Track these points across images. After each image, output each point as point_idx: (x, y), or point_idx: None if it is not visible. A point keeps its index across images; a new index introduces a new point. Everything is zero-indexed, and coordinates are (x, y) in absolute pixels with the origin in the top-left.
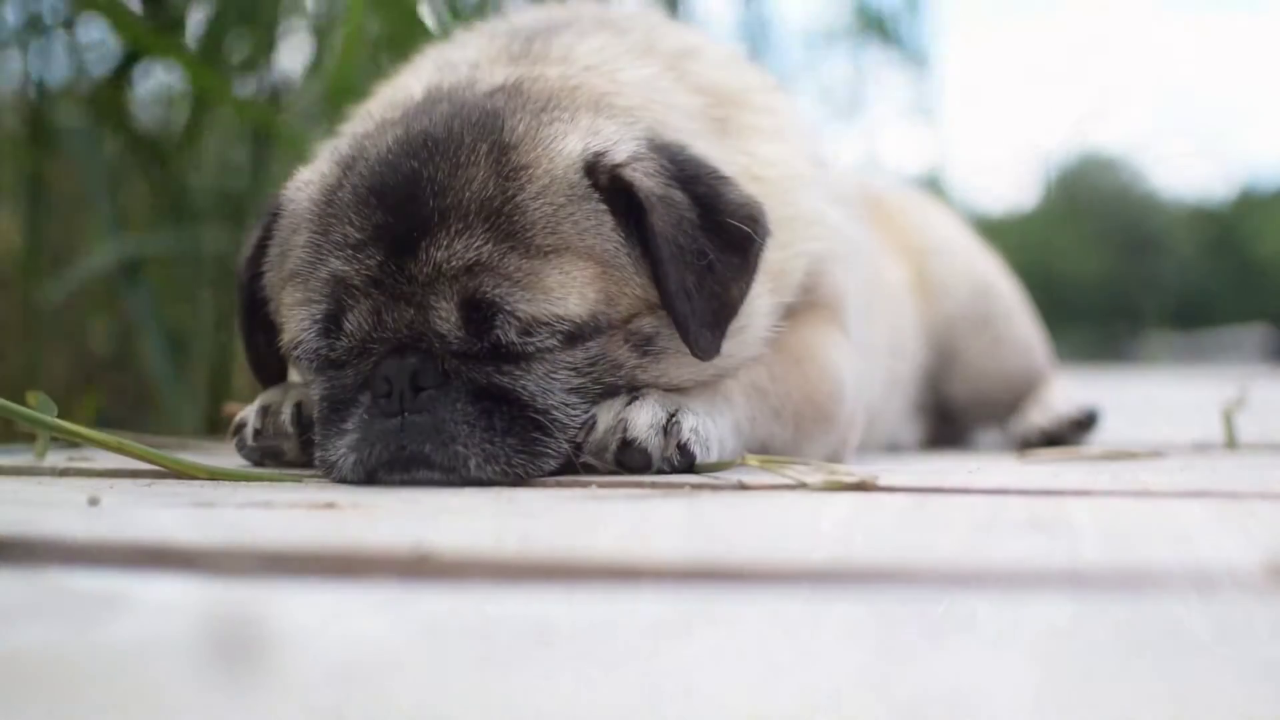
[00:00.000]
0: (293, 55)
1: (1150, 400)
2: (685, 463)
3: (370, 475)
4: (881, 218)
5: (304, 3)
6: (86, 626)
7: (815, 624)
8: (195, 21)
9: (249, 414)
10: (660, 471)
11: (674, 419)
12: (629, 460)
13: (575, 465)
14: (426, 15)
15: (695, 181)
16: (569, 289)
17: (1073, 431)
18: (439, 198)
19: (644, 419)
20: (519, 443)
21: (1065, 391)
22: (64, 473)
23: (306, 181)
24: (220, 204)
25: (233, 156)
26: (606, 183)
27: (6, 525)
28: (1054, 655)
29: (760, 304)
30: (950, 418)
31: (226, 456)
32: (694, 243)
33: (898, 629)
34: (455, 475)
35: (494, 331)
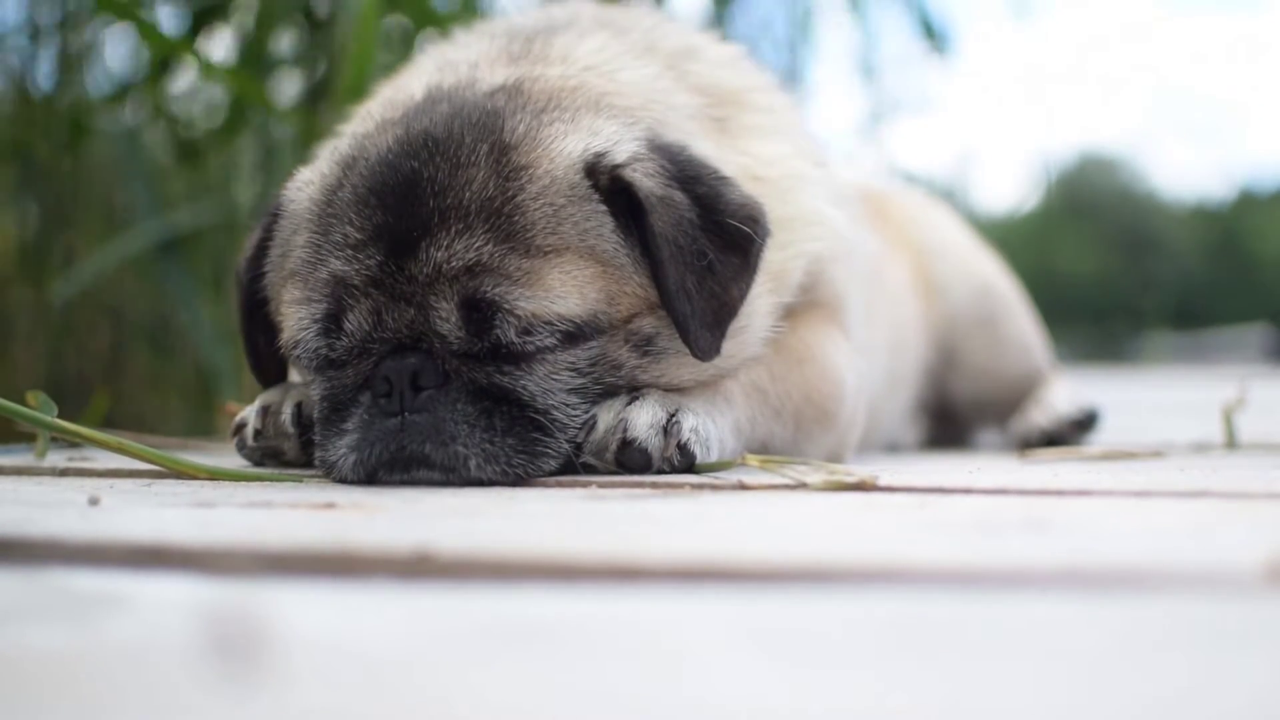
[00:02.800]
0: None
1: (1150, 400)
2: (685, 463)
3: (370, 475)
4: (882, 218)
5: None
6: (86, 626)
7: (815, 624)
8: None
9: (249, 414)
10: (660, 471)
11: (674, 419)
12: (629, 460)
13: (575, 465)
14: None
15: (695, 182)
16: (569, 289)
17: (1073, 431)
18: (439, 198)
19: (644, 419)
20: (519, 443)
21: (1066, 391)
22: (64, 473)
23: (307, 181)
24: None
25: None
26: (607, 183)
27: (6, 525)
28: (1054, 656)
29: (760, 304)
30: (950, 418)
31: (226, 456)
32: (694, 243)
33: (897, 630)
34: (455, 475)
35: (494, 331)
